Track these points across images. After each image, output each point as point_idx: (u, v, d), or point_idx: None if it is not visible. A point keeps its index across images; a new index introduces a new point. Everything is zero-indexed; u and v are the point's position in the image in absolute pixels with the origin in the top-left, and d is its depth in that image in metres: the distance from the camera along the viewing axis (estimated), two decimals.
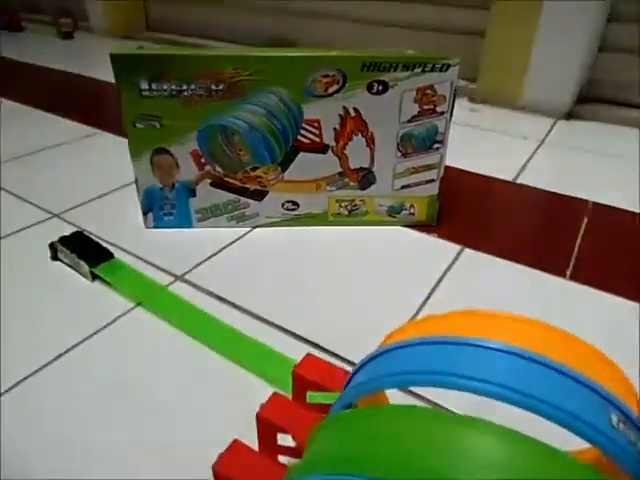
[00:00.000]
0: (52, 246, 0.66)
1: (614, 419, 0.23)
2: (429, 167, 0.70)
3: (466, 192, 0.87)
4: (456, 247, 0.70)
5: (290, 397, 0.37)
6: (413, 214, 0.74)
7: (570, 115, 1.25)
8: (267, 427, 0.33)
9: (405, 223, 0.75)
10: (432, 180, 0.71)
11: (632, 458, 0.22)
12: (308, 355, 0.38)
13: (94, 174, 0.90)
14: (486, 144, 1.11)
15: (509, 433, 0.21)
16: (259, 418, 0.33)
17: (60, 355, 0.51)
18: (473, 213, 0.80)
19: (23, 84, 1.47)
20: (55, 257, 0.66)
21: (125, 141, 0.67)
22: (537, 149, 1.07)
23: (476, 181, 0.91)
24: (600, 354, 0.29)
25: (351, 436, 0.22)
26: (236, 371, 0.49)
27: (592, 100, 1.29)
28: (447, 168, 0.71)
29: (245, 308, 0.58)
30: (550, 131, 1.18)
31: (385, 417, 0.23)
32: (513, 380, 0.23)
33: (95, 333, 0.54)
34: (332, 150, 0.69)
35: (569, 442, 0.23)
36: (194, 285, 0.62)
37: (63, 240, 0.66)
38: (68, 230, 0.69)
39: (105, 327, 0.55)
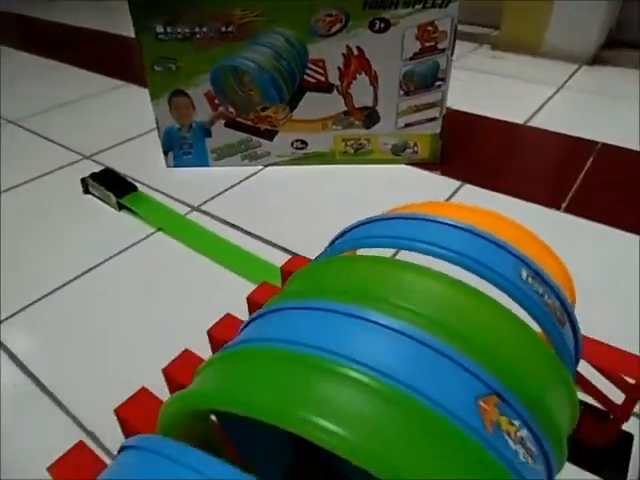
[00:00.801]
0: (83, 181, 0.73)
1: (524, 274, 0.27)
2: (431, 105, 0.73)
3: (474, 134, 0.88)
4: (456, 183, 0.74)
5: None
6: (417, 152, 0.77)
7: (594, 60, 1.22)
8: (256, 308, 0.39)
9: (409, 161, 0.78)
10: (434, 118, 0.74)
11: (538, 306, 0.27)
12: (295, 256, 0.43)
13: (121, 121, 0.96)
14: (503, 90, 1.10)
15: (450, 279, 0.26)
16: (249, 301, 0.39)
17: (92, 268, 0.59)
18: (478, 153, 0.83)
19: (55, 42, 1.54)
20: (86, 191, 0.73)
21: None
22: (554, 94, 1.06)
23: (486, 124, 0.93)
24: (538, 240, 0.33)
25: (319, 274, 0.28)
26: (235, 278, 0.56)
27: (620, 44, 1.25)
28: (458, 112, 0.74)
29: (252, 232, 0.64)
30: (571, 76, 1.16)
31: (348, 262, 0.28)
32: (443, 241, 0.28)
33: (122, 252, 0.61)
34: (337, 89, 0.72)
35: None
36: (208, 214, 0.68)
37: (93, 176, 0.73)
38: (97, 169, 0.76)
39: (130, 247, 0.62)
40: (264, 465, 0.34)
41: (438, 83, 0.71)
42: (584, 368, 0.36)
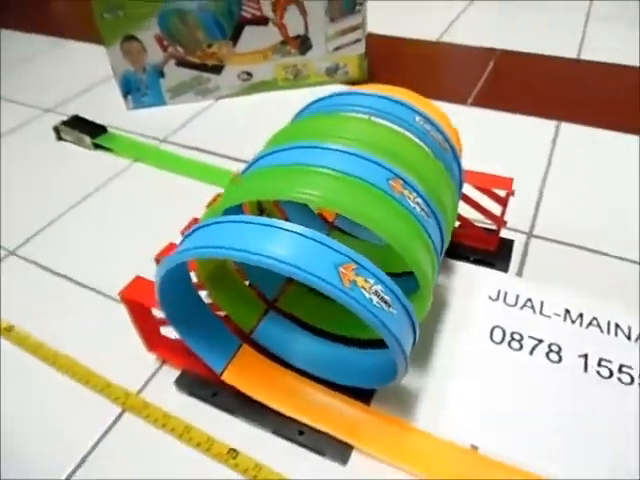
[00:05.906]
0: (56, 129, 0.81)
1: (417, 118, 0.41)
2: (354, 28, 0.84)
3: (395, 55, 1.01)
4: None
5: None
6: (347, 72, 0.89)
7: None
8: None
9: (342, 81, 0.91)
10: (358, 39, 0.86)
11: (424, 135, 0.41)
12: None
13: (79, 73, 1.02)
14: (416, 11, 1.22)
15: (373, 122, 0.39)
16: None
17: (77, 203, 0.69)
18: (398, 70, 0.96)
19: None
20: (59, 137, 0.81)
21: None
22: (466, 8, 1.19)
23: (403, 44, 1.05)
24: (434, 107, 0.47)
25: (292, 128, 0.41)
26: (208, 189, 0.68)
27: None
28: (382, 37, 0.85)
29: (214, 151, 0.75)
30: None
31: (310, 119, 0.43)
32: (368, 104, 0.41)
33: (108, 181, 0.72)
34: (272, 22, 0.82)
35: None
36: (175, 144, 0.79)
37: (64, 123, 0.81)
38: (62, 120, 0.83)
39: (110, 179, 0.72)
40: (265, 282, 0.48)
41: (358, 8, 0.82)
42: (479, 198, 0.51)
